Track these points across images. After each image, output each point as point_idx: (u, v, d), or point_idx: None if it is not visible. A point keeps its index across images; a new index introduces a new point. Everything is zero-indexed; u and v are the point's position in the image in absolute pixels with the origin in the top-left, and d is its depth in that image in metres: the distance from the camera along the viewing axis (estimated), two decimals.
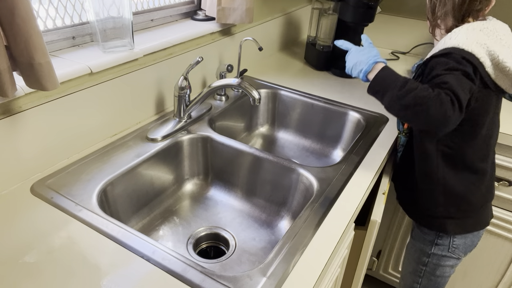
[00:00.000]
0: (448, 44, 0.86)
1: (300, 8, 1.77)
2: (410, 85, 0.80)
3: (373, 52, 0.94)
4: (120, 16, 0.93)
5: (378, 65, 0.89)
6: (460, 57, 0.82)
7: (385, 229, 1.50)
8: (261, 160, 1.00)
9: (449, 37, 0.87)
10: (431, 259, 1.07)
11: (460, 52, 0.83)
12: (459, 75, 0.80)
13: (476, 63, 0.83)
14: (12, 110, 0.76)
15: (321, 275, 0.69)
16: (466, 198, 0.98)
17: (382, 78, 0.87)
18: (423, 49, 1.75)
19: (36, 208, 0.76)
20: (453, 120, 0.78)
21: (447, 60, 0.83)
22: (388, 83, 0.85)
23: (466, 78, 0.81)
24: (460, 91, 0.78)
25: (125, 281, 0.63)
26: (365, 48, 0.96)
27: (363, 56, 0.93)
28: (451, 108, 0.77)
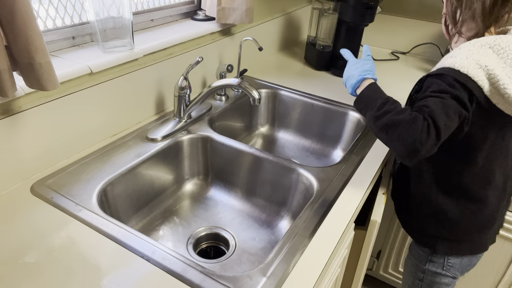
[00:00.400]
0: (445, 63, 0.81)
1: (300, 8, 1.77)
2: (389, 106, 0.79)
3: (366, 66, 0.92)
4: (120, 16, 0.93)
5: (366, 82, 0.89)
6: (452, 80, 0.77)
7: (385, 229, 1.50)
8: (261, 160, 1.00)
9: (450, 55, 0.82)
10: (425, 275, 1.03)
11: (454, 74, 0.77)
12: (447, 99, 0.75)
13: (472, 86, 0.77)
14: (12, 110, 0.76)
15: (321, 275, 0.69)
16: (461, 225, 0.93)
17: (365, 96, 0.87)
18: (423, 49, 1.75)
19: (36, 208, 0.76)
20: (427, 147, 0.73)
21: (439, 81, 0.79)
22: (369, 102, 0.84)
23: (456, 103, 0.75)
24: (441, 117, 0.73)
25: (125, 281, 0.63)
26: (360, 62, 0.95)
27: (355, 71, 0.93)
28: (425, 135, 0.72)
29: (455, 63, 0.78)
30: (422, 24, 1.72)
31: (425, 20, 1.71)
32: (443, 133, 0.74)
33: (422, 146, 0.73)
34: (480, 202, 0.91)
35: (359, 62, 0.96)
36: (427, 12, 1.70)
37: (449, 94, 0.76)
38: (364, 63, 0.94)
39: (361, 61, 0.96)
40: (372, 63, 0.96)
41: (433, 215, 0.95)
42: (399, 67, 1.63)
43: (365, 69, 0.92)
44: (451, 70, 0.78)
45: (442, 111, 0.74)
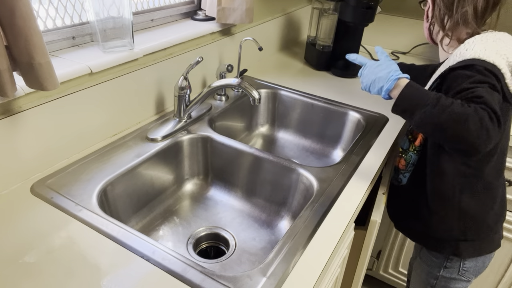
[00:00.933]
0: (466, 55, 0.80)
1: (300, 8, 1.77)
2: (444, 101, 0.73)
3: (393, 66, 0.86)
4: (120, 16, 0.93)
5: (402, 81, 0.81)
6: (483, 69, 0.76)
7: (385, 229, 1.50)
8: (261, 160, 1.00)
9: (465, 48, 0.81)
10: (439, 281, 1.01)
11: (482, 63, 0.77)
12: (487, 88, 0.75)
13: (498, 74, 0.77)
14: (12, 110, 0.76)
15: (321, 275, 0.69)
16: (481, 219, 0.92)
17: (409, 96, 0.79)
18: (423, 49, 1.75)
19: (36, 208, 0.76)
20: (495, 137, 0.71)
21: (470, 73, 0.77)
22: (417, 101, 0.77)
23: (495, 91, 0.76)
24: (496, 105, 0.72)
25: (125, 281, 0.63)
26: (383, 63, 0.88)
27: (381, 72, 0.86)
28: (491, 124, 0.70)
29: (478, 54, 0.78)
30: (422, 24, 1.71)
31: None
32: (502, 120, 0.73)
33: (491, 136, 0.71)
34: (494, 194, 0.92)
35: (383, 63, 0.89)
36: None
37: (487, 83, 0.75)
38: (389, 63, 0.87)
39: (384, 62, 0.89)
40: (395, 62, 0.89)
41: (457, 217, 0.92)
42: None
43: (394, 69, 0.85)
44: (478, 60, 0.78)
45: (492, 99, 0.73)
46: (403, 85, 0.80)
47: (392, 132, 1.13)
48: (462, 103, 0.72)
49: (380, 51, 0.95)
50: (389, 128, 1.15)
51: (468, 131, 0.70)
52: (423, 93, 0.77)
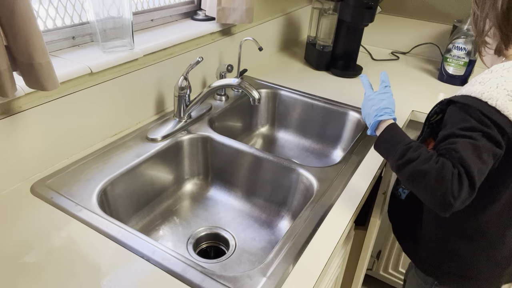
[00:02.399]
0: (472, 90, 0.70)
1: (300, 8, 1.77)
2: (411, 153, 0.70)
3: (382, 103, 0.85)
4: (120, 16, 0.93)
5: (384, 123, 0.81)
6: (480, 114, 0.67)
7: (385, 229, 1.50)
8: (261, 160, 1.00)
9: (480, 80, 0.71)
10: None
11: (481, 106, 0.67)
12: (479, 139, 0.66)
13: (501, 121, 0.66)
14: (12, 110, 0.76)
15: (321, 275, 0.69)
16: (472, 263, 0.85)
17: (384, 140, 0.79)
18: (423, 49, 1.75)
19: (36, 208, 0.76)
20: (460, 199, 0.64)
21: (465, 115, 0.68)
22: (390, 147, 0.76)
23: (489, 142, 0.66)
24: (473, 163, 0.64)
25: (125, 281, 0.63)
26: (376, 97, 0.88)
27: (371, 109, 0.86)
28: (456, 186, 0.63)
29: (483, 92, 0.68)
30: (422, 24, 1.72)
31: (425, 20, 1.71)
32: (477, 181, 0.65)
33: (455, 199, 0.64)
34: (498, 243, 0.82)
35: (375, 97, 0.88)
36: (427, 12, 1.70)
37: (479, 132, 0.66)
38: (380, 99, 0.87)
39: (378, 95, 0.89)
40: (389, 97, 0.88)
41: (442, 250, 0.87)
42: (399, 67, 1.63)
43: (381, 107, 0.84)
44: (477, 102, 0.68)
45: (474, 155, 0.65)
46: (383, 127, 0.80)
47: None
48: (431, 157, 0.67)
49: (382, 79, 0.95)
50: None
51: (425, 189, 0.66)
52: (397, 140, 0.75)
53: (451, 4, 1.64)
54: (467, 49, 1.41)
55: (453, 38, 1.44)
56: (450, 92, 1.40)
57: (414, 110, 1.27)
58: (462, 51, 1.43)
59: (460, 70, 1.45)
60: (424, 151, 0.69)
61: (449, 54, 1.46)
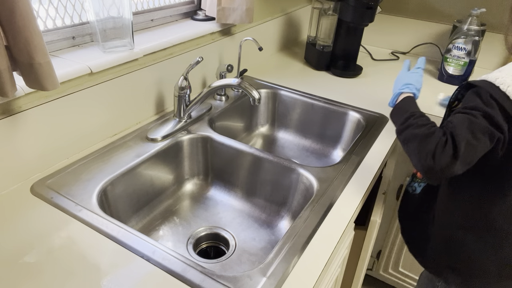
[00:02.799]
0: (491, 75, 0.74)
1: (300, 8, 1.77)
2: (412, 120, 0.76)
3: (408, 79, 0.92)
4: (120, 16, 0.93)
5: (403, 95, 0.89)
6: (489, 96, 0.70)
7: (385, 229, 1.50)
8: (261, 160, 1.00)
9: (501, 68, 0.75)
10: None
11: (493, 90, 0.71)
12: (478, 116, 0.69)
13: (509, 107, 0.69)
14: (12, 110, 0.76)
15: (321, 275, 0.69)
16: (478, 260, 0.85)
17: (397, 109, 0.87)
18: (423, 49, 1.75)
19: (36, 208, 0.76)
20: (441, 163, 0.68)
21: (475, 97, 0.73)
22: (399, 115, 0.83)
23: (488, 122, 0.69)
24: (462, 134, 0.68)
25: (125, 281, 0.63)
26: (407, 74, 0.96)
27: (398, 82, 0.95)
28: (440, 149, 0.68)
29: (497, 77, 0.72)
30: (422, 24, 1.72)
31: (425, 20, 1.71)
32: (462, 151, 0.68)
33: (435, 161, 0.69)
34: (507, 241, 0.83)
35: (406, 75, 0.95)
36: (427, 12, 1.70)
37: (481, 111, 0.70)
38: (409, 76, 0.93)
39: (408, 73, 0.96)
40: (417, 76, 0.94)
41: (449, 247, 0.88)
42: (399, 67, 1.63)
43: (406, 83, 0.91)
44: (490, 85, 0.72)
45: (467, 129, 0.69)
46: (400, 99, 0.89)
47: (392, 132, 1.13)
48: (429, 126, 0.74)
49: (418, 62, 1.01)
50: (389, 128, 1.15)
51: (414, 150, 0.73)
52: (405, 109, 0.82)
53: (451, 4, 1.64)
54: (467, 49, 1.41)
55: (453, 38, 1.44)
56: (450, 92, 1.40)
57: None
58: (462, 51, 1.43)
59: (460, 70, 1.45)
60: (424, 120, 0.76)
61: (449, 54, 1.46)
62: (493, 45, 1.58)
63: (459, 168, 0.70)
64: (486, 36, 1.54)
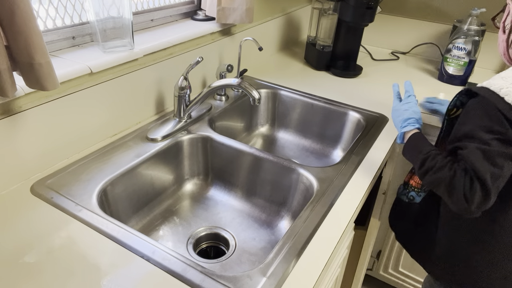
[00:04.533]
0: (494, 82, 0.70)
1: (300, 8, 1.77)
2: (429, 163, 0.75)
3: (405, 114, 0.91)
4: (120, 16, 0.93)
5: (408, 134, 0.89)
6: (494, 110, 0.67)
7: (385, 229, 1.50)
8: (261, 160, 1.00)
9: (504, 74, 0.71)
10: None
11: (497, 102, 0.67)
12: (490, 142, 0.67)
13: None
14: (12, 110, 0.76)
15: (321, 275, 0.69)
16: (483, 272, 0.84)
17: (409, 150, 0.86)
18: (423, 49, 1.75)
19: (36, 208, 0.76)
20: (475, 203, 0.67)
21: (480, 113, 0.69)
22: (413, 157, 0.83)
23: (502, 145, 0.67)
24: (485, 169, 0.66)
25: (125, 281, 0.63)
26: (400, 108, 0.95)
27: (397, 119, 0.95)
28: (468, 191, 0.67)
29: (501, 87, 0.68)
30: (422, 24, 1.72)
31: (425, 20, 1.71)
32: (490, 185, 0.67)
33: (469, 203, 0.68)
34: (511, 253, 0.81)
35: (400, 108, 0.95)
36: (427, 12, 1.70)
37: (493, 134, 0.67)
38: (404, 110, 0.93)
39: (402, 106, 0.95)
40: (412, 106, 0.93)
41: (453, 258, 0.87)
42: (399, 67, 1.63)
43: (405, 118, 0.91)
44: (494, 96, 0.68)
45: (485, 160, 0.67)
46: (406, 138, 0.88)
47: (392, 132, 1.13)
48: (445, 166, 0.72)
49: (406, 88, 1.00)
50: (389, 128, 1.15)
51: (444, 195, 0.72)
52: (418, 150, 0.81)
53: (451, 4, 1.64)
54: (467, 49, 1.41)
55: (453, 38, 1.44)
56: (450, 92, 1.40)
57: None
58: (462, 51, 1.43)
59: (460, 70, 1.45)
60: (439, 159, 0.74)
61: (449, 54, 1.46)
62: (493, 45, 1.58)
63: (493, 199, 0.69)
64: (486, 36, 1.54)
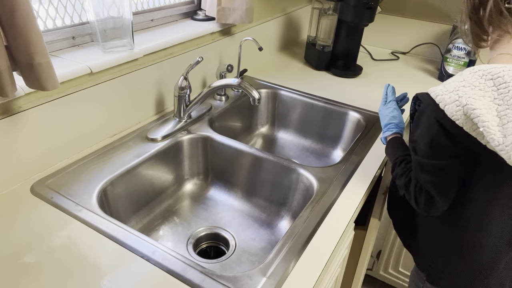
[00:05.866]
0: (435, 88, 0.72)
1: (300, 8, 1.77)
2: (397, 168, 0.84)
3: (386, 120, 0.97)
4: (120, 16, 0.93)
5: (388, 138, 0.95)
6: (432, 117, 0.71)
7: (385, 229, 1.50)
8: (261, 160, 1.00)
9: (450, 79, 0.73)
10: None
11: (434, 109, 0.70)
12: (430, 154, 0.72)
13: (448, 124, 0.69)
14: (12, 110, 0.76)
15: (321, 275, 0.69)
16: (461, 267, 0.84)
17: (387, 154, 0.93)
18: (423, 49, 1.75)
19: (36, 208, 0.76)
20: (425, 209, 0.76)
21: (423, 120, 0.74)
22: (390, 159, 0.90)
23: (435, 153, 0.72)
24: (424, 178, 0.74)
25: (125, 281, 0.63)
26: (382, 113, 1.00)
27: (381, 123, 1.00)
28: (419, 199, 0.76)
29: (438, 94, 0.71)
30: (422, 24, 1.72)
31: (425, 20, 1.71)
32: (434, 192, 0.74)
33: (419, 207, 0.77)
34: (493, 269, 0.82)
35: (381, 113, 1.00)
36: (427, 12, 1.70)
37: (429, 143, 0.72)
38: (384, 115, 0.99)
39: (384, 111, 1.00)
40: (391, 113, 0.99)
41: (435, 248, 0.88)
42: (399, 67, 1.63)
43: (385, 123, 0.97)
44: (431, 103, 0.71)
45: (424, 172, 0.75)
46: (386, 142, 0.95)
47: None
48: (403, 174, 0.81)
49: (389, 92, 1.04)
50: None
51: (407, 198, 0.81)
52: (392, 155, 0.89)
53: (451, 4, 1.63)
54: (467, 49, 1.41)
55: (453, 38, 1.44)
56: None
57: None
58: (462, 51, 1.43)
59: (460, 70, 1.45)
60: (402, 166, 0.83)
61: (449, 54, 1.46)
62: None
63: (443, 203, 0.75)
64: None
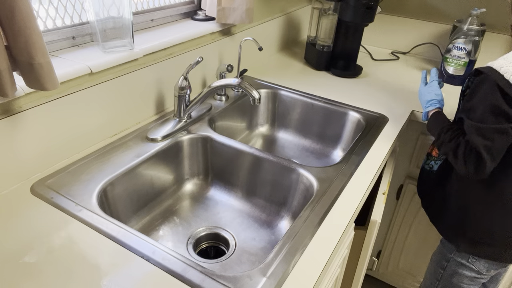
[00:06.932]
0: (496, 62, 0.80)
1: (300, 8, 1.77)
2: (443, 136, 0.91)
3: (428, 96, 1.04)
4: (120, 16, 0.93)
5: (430, 112, 1.03)
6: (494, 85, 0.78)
7: (385, 229, 1.50)
8: (261, 160, 1.00)
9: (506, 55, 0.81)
10: (450, 264, 1.05)
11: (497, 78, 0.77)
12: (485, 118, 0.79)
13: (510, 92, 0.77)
14: (12, 110, 0.76)
15: (321, 275, 0.69)
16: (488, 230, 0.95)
17: (430, 126, 1.01)
18: (423, 49, 1.75)
19: (36, 208, 0.76)
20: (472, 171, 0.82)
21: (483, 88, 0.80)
22: (433, 130, 0.98)
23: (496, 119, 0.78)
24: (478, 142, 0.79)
25: (125, 281, 0.63)
26: (425, 90, 1.08)
27: (421, 100, 1.09)
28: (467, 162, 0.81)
29: (502, 66, 0.78)
30: (422, 24, 1.72)
31: (425, 20, 1.71)
32: (485, 156, 0.80)
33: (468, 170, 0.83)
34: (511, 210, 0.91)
35: (426, 90, 1.08)
36: (427, 12, 1.70)
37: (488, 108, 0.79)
38: (427, 93, 1.06)
39: (426, 89, 1.08)
40: (434, 90, 1.06)
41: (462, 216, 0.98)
42: (399, 67, 1.63)
43: (428, 100, 1.05)
44: (495, 73, 0.78)
45: (479, 135, 0.80)
46: (430, 114, 1.03)
47: (392, 132, 1.13)
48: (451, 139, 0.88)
49: (431, 74, 1.13)
50: (389, 128, 1.15)
51: (453, 163, 0.88)
52: (437, 126, 0.96)
53: (451, 4, 1.64)
54: (467, 49, 1.41)
55: (453, 38, 1.44)
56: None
57: (414, 110, 1.27)
58: (462, 51, 1.43)
59: (460, 70, 1.45)
60: (450, 133, 0.89)
61: (449, 54, 1.46)
62: (493, 45, 1.58)
63: (490, 166, 0.82)
64: (486, 36, 1.54)
